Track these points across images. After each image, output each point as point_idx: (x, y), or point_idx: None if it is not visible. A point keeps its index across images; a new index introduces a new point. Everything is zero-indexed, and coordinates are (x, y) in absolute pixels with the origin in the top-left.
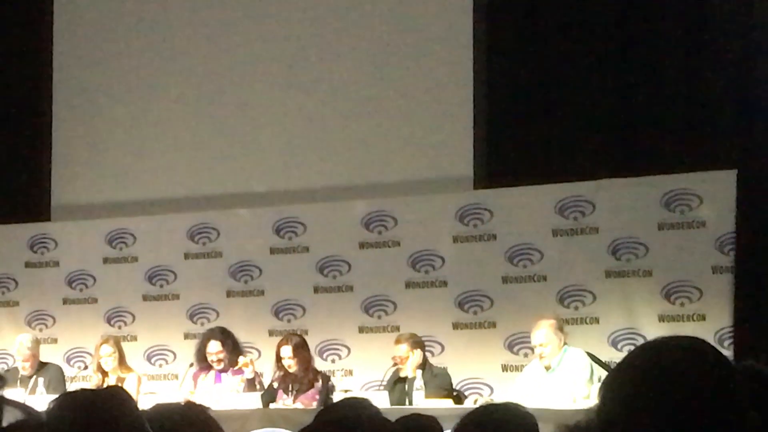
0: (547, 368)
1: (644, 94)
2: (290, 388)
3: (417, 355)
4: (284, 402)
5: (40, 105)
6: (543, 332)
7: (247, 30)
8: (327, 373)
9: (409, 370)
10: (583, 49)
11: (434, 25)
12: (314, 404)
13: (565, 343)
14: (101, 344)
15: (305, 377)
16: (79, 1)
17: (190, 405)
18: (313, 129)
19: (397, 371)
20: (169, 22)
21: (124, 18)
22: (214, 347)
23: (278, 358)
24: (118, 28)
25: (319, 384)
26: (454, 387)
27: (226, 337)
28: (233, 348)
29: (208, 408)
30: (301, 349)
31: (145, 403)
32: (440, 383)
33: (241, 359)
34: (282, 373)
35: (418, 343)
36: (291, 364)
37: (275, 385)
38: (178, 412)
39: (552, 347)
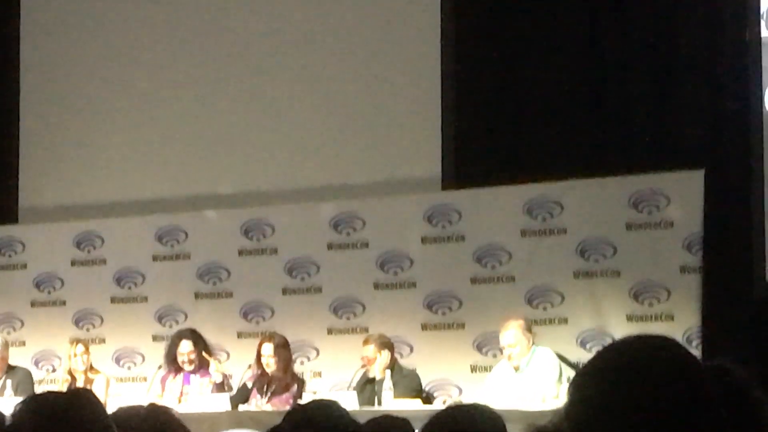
0: (516, 369)
1: (612, 94)
2: (265, 389)
3: (385, 356)
4: (257, 402)
5: (6, 107)
6: (512, 333)
7: (216, 33)
8: (299, 376)
9: (377, 370)
10: (552, 49)
11: (402, 26)
12: (287, 407)
13: (533, 344)
14: (72, 346)
15: (283, 379)
16: (47, 1)
17: (153, 407)
18: (281, 131)
19: (366, 372)
20: (137, 25)
21: (91, 20)
22: (186, 347)
23: (258, 357)
24: (85, 30)
25: (294, 388)
26: (423, 388)
27: (197, 338)
28: (204, 349)
29: (171, 409)
30: (283, 349)
31: (112, 406)
32: (409, 384)
33: (213, 366)
34: (259, 372)
35: (386, 344)
36: (270, 363)
37: (249, 384)
38: (141, 415)
39: (521, 348)
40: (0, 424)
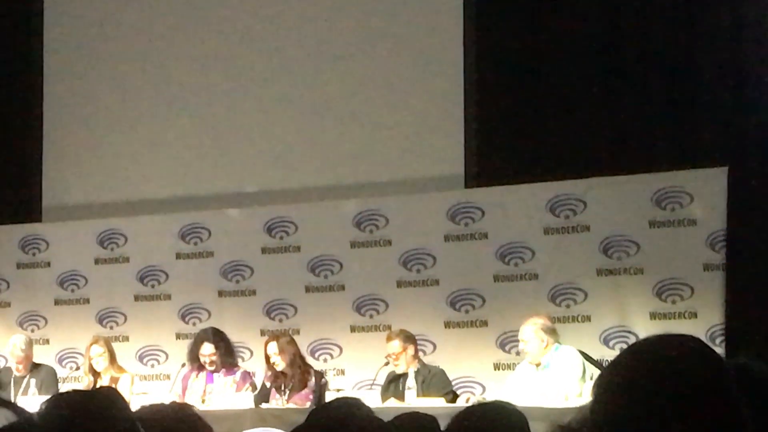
0: (538, 366)
1: (635, 91)
2: (283, 388)
3: (410, 351)
4: (278, 402)
5: (30, 106)
6: (527, 329)
7: (236, 30)
8: (320, 371)
9: (403, 365)
10: (574, 47)
11: (424, 25)
12: (308, 404)
13: (557, 342)
14: (91, 345)
15: (296, 375)
16: (70, 1)
17: (176, 405)
18: (304, 129)
19: (393, 369)
20: (160, 24)
21: (114, 20)
22: (208, 349)
23: (267, 357)
24: (108, 29)
25: (312, 383)
26: None
27: (219, 339)
28: (226, 350)
29: (193, 406)
30: (288, 346)
31: (136, 404)
32: (439, 382)
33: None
34: (272, 372)
35: (409, 338)
36: (277, 361)
37: (267, 384)
38: (165, 413)
39: (534, 344)
40: (27, 422)
